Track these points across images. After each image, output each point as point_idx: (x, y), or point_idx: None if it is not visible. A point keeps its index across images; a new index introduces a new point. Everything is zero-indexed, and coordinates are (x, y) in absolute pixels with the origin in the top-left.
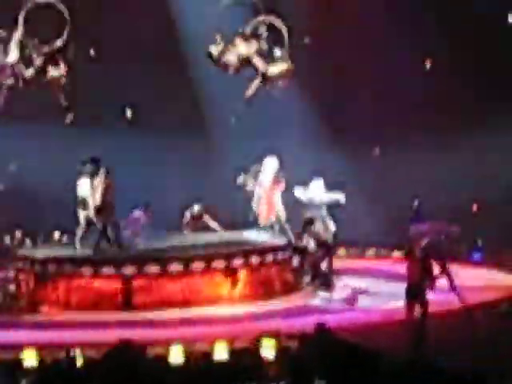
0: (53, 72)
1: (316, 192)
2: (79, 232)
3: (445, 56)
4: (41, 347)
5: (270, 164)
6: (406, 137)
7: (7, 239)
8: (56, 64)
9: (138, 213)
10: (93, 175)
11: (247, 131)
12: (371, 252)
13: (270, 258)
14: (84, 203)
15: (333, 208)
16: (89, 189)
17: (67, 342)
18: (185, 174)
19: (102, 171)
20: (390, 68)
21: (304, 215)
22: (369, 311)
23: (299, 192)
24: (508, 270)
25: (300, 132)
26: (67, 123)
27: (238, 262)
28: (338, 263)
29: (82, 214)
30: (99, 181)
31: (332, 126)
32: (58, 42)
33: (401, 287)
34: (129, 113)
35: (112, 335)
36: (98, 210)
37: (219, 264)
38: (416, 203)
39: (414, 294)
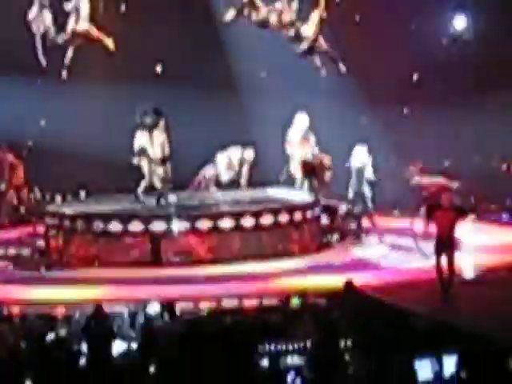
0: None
1: (361, 158)
2: (142, 183)
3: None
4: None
5: (300, 121)
6: (434, 99)
7: (37, 195)
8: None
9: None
10: (152, 127)
11: (277, 92)
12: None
13: (298, 216)
14: (143, 154)
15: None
16: (147, 140)
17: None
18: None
19: (161, 123)
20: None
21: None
22: (399, 269)
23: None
24: None
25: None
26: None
27: (265, 219)
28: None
29: (144, 164)
30: (159, 132)
31: (363, 87)
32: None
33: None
34: (159, 68)
35: (144, 291)
36: (162, 161)
37: (247, 221)
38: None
39: (444, 244)
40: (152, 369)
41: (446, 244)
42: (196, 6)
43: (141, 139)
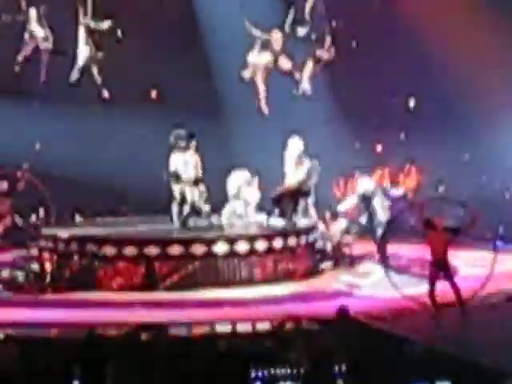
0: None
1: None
2: (175, 207)
3: None
4: (64, 326)
5: (293, 146)
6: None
7: (32, 218)
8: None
9: None
10: (186, 149)
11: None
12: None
13: (292, 241)
14: (177, 177)
15: None
16: (182, 163)
17: (90, 322)
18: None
19: (193, 145)
20: None
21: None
22: (391, 296)
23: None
24: None
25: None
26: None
27: (262, 245)
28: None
29: (176, 188)
30: (192, 154)
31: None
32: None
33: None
34: (154, 93)
35: (136, 316)
36: (195, 182)
37: (241, 247)
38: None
39: (440, 266)
40: None
41: (441, 268)
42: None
43: (175, 161)
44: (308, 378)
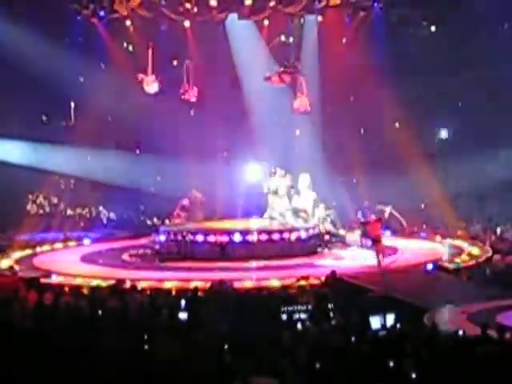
0: None
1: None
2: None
3: None
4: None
5: (302, 180)
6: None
7: (154, 220)
8: None
9: None
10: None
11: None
12: None
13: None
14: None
15: None
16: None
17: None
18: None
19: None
20: None
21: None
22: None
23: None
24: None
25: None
26: None
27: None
28: None
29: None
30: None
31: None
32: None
33: None
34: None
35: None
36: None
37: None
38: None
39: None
40: None
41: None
42: None
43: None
44: (313, 312)
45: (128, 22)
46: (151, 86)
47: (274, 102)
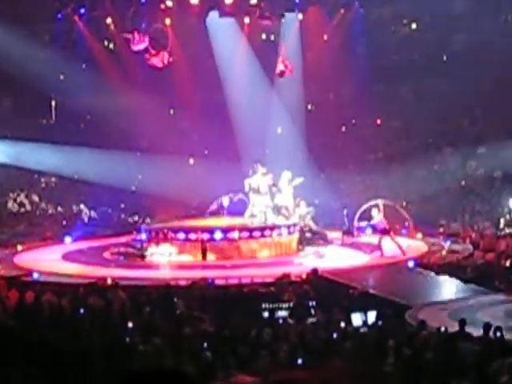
0: None
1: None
2: None
3: None
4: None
5: (284, 176)
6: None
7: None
8: None
9: None
10: None
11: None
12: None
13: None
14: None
15: None
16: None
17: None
18: None
19: None
20: None
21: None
22: (343, 262)
23: None
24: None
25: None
26: None
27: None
28: None
29: None
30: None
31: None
32: None
33: None
34: None
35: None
36: None
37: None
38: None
39: None
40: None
41: None
42: None
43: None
44: (294, 309)
45: (109, 20)
46: (139, 44)
47: (255, 100)
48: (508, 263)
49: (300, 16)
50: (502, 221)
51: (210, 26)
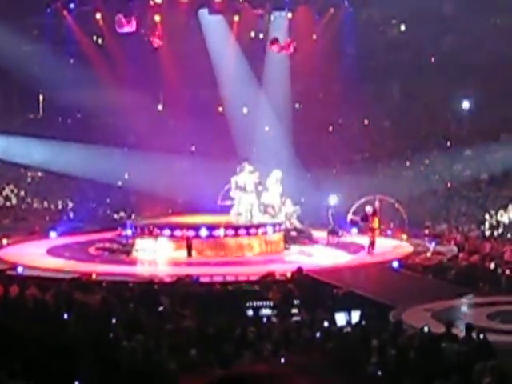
0: None
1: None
2: None
3: None
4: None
5: (274, 175)
6: None
7: (121, 214)
8: None
9: None
10: None
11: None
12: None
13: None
14: None
15: None
16: None
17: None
18: None
19: None
20: None
21: None
22: (328, 261)
23: None
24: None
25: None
26: None
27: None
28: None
29: None
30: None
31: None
32: None
33: None
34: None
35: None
36: None
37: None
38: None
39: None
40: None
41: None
42: None
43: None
44: (278, 307)
45: (98, 15)
46: (127, 26)
47: (243, 98)
48: (492, 265)
49: (289, 15)
50: (487, 223)
51: (202, 23)
